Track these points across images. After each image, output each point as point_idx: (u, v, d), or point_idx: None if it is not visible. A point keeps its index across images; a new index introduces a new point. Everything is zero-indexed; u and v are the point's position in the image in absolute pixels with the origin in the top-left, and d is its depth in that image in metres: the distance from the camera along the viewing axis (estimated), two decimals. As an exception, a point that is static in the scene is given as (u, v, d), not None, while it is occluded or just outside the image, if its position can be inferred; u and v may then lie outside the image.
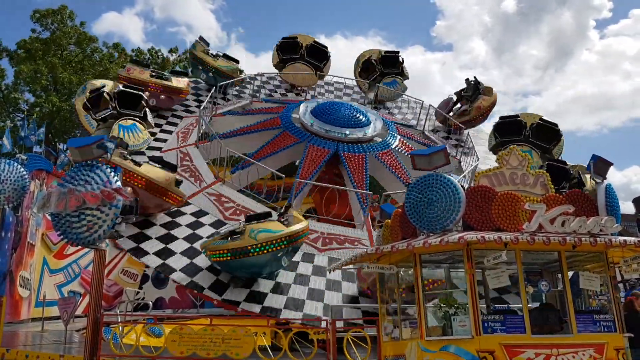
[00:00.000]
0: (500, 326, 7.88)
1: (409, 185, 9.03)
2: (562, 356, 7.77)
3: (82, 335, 14.56)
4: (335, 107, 20.75)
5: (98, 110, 18.57)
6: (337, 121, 19.73)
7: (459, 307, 8.21)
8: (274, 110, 21.77)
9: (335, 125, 19.57)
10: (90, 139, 11.14)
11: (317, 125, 19.50)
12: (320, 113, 20.10)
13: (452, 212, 8.41)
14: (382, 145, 19.59)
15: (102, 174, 10.66)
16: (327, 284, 13.66)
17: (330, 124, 19.60)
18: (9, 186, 15.88)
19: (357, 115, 20.37)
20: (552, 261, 8.99)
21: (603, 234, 8.19)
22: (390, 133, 20.57)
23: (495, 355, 7.66)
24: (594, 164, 9.19)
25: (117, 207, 10.41)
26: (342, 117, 19.92)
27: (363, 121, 20.18)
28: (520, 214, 8.41)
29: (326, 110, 20.28)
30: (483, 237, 7.75)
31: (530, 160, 9.06)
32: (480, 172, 9.05)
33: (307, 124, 19.59)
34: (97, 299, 10.63)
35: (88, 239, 10.40)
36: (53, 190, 10.67)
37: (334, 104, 21.73)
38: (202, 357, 10.10)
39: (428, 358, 7.87)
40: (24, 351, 12.69)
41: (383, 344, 9.52)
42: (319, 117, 19.85)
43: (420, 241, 8.10)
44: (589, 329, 8.08)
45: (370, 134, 19.80)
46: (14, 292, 18.49)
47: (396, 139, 20.38)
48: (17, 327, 17.92)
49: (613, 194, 8.92)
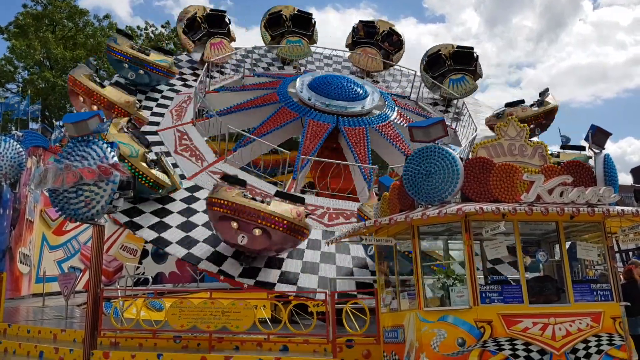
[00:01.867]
0: (498, 296, 7.94)
1: (407, 157, 9.00)
2: (559, 325, 7.85)
3: (82, 310, 14.69)
4: (332, 81, 20.48)
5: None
6: (335, 95, 19.50)
7: (457, 278, 8.26)
8: (270, 85, 21.49)
9: (333, 98, 19.34)
10: (85, 114, 11.04)
11: (316, 99, 19.29)
12: (318, 87, 19.87)
13: (450, 183, 8.39)
14: (381, 118, 19.41)
15: (99, 150, 10.58)
16: (322, 257, 13.64)
17: (329, 97, 19.37)
18: (5, 163, 15.85)
19: (354, 88, 20.13)
20: (550, 232, 9.02)
21: (601, 204, 8.20)
22: (388, 105, 20.40)
23: (492, 325, 7.73)
24: (592, 134, 9.15)
25: (114, 182, 10.35)
26: (340, 91, 19.68)
27: (361, 94, 19.95)
28: (519, 185, 8.40)
29: (323, 84, 20.03)
30: (481, 208, 7.75)
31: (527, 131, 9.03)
32: (478, 144, 9.02)
33: (305, 99, 19.38)
34: (96, 274, 10.66)
35: (86, 214, 10.37)
36: (50, 166, 10.60)
37: (330, 77, 21.37)
38: (202, 330, 10.20)
39: (426, 328, 7.94)
40: (25, 326, 12.82)
41: (382, 315, 9.59)
42: (317, 91, 19.64)
43: (419, 213, 8.10)
44: (585, 298, 8.15)
45: (369, 106, 19.61)
46: (14, 268, 18.60)
47: (394, 110, 20.22)
48: (18, 303, 18.08)
49: (611, 164, 8.90)
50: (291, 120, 18.72)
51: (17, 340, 11.65)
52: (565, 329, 7.84)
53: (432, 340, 7.83)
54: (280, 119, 18.76)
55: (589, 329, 7.91)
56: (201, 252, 12.90)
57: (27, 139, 18.65)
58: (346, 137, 18.27)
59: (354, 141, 18.05)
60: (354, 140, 18.08)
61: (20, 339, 11.76)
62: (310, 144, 17.65)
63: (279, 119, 18.74)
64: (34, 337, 12.06)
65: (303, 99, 19.38)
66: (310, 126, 18.27)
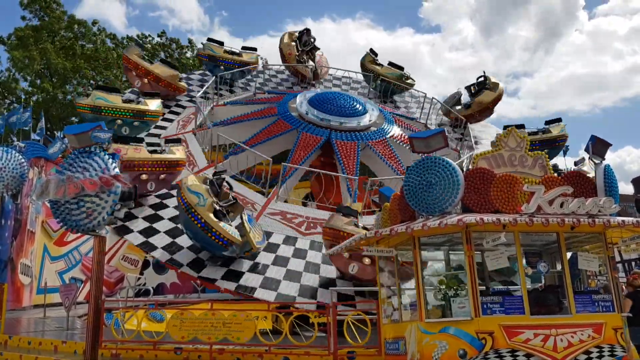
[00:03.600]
0: (499, 307, 7.93)
1: (407, 168, 9.02)
2: (561, 336, 7.83)
3: (83, 322, 14.65)
4: (332, 97, 20.92)
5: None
6: (332, 110, 19.89)
7: (458, 289, 8.25)
8: (274, 100, 21.94)
9: (329, 113, 19.74)
10: (87, 126, 11.09)
11: (312, 114, 19.70)
12: (317, 102, 20.29)
13: (451, 194, 8.41)
14: (375, 134, 19.74)
15: (100, 161, 10.62)
16: (306, 266, 13.82)
17: (326, 112, 19.78)
18: (7, 174, 15.93)
19: (353, 104, 20.51)
20: (551, 242, 9.01)
21: (601, 214, 8.21)
22: (387, 123, 20.71)
23: (494, 336, 7.71)
24: (592, 145, 9.18)
25: (115, 193, 10.39)
26: (338, 106, 20.09)
27: (359, 110, 20.31)
28: (519, 195, 8.41)
29: (323, 100, 20.46)
30: (482, 219, 7.76)
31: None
32: (478, 154, 9.04)
33: (303, 113, 19.78)
34: (97, 285, 10.66)
35: (87, 225, 10.40)
36: (51, 177, 10.64)
37: (332, 94, 21.77)
38: (203, 341, 10.18)
39: (428, 340, 7.92)
40: (26, 338, 12.78)
41: (383, 326, 9.57)
42: (315, 107, 20.06)
43: (419, 224, 8.11)
44: (587, 309, 8.13)
45: (365, 123, 19.95)
46: (15, 279, 18.58)
47: (392, 129, 20.47)
48: (19, 314, 18.03)
49: (612, 175, 8.91)
50: (284, 132, 19.15)
51: (18, 352, 11.62)
52: (567, 340, 7.82)
53: (434, 352, 7.81)
54: (274, 130, 19.25)
55: (590, 340, 7.89)
56: (183, 258, 13.21)
57: (29, 149, 18.73)
58: (336, 150, 18.59)
59: (344, 154, 18.39)
60: (343, 154, 18.42)
61: (21, 351, 11.73)
62: (300, 155, 18.06)
63: (273, 130, 19.23)
64: (35, 349, 12.02)
65: (301, 113, 19.80)
66: (302, 138, 18.70)
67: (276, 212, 15.79)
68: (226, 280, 12.79)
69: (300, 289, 12.96)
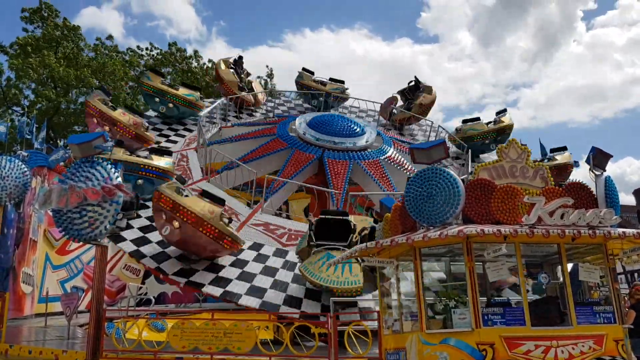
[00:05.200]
0: (500, 319, 7.91)
1: (409, 179, 9.05)
2: (562, 348, 7.80)
3: (85, 331, 14.64)
4: (330, 119, 21.72)
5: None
6: (328, 131, 20.63)
7: (459, 300, 8.24)
8: (278, 121, 22.79)
9: (326, 134, 20.44)
10: (90, 136, 11.18)
11: (309, 134, 20.44)
12: (316, 124, 21.06)
13: (452, 205, 8.42)
14: (369, 155, 20.25)
15: (103, 170, 10.70)
16: (294, 278, 13.98)
17: (322, 133, 20.52)
18: (10, 182, 16.00)
19: (351, 126, 21.22)
20: (551, 253, 9.00)
21: (602, 226, 8.21)
22: (385, 144, 21.24)
23: (495, 348, 7.69)
24: (593, 156, 9.18)
25: (117, 203, 10.47)
26: (335, 128, 20.83)
27: (357, 132, 20.98)
28: (520, 206, 8.42)
29: (321, 122, 21.26)
30: (482, 230, 7.77)
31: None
32: (480, 165, 9.06)
33: (301, 134, 20.55)
34: (99, 294, 10.69)
35: (90, 234, 10.46)
36: (54, 186, 10.71)
37: (331, 116, 22.63)
38: (204, 351, 10.17)
39: (429, 351, 7.91)
40: (27, 347, 12.78)
41: (384, 337, 9.56)
42: (313, 128, 20.81)
43: (420, 235, 8.12)
44: (588, 320, 8.11)
45: (361, 144, 20.49)
46: (16, 288, 18.58)
47: (388, 151, 20.92)
48: (20, 323, 18.02)
49: (612, 186, 8.92)
50: (278, 150, 19.86)
51: (19, 361, 11.63)
52: (567, 352, 7.79)
53: (434, 363, 7.80)
54: (269, 148, 19.99)
55: (591, 351, 7.86)
56: (148, 251, 13.73)
57: (32, 158, 18.81)
58: (326, 168, 19.13)
59: (334, 173, 18.91)
60: (333, 172, 18.94)
61: (21, 360, 11.74)
62: (290, 170, 18.71)
63: (268, 148, 19.97)
64: (36, 358, 12.01)
65: (299, 133, 20.55)
66: (295, 155, 19.45)
67: (260, 223, 16.24)
68: (213, 286, 13.03)
69: (286, 298, 13.10)
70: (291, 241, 15.59)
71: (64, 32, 39.21)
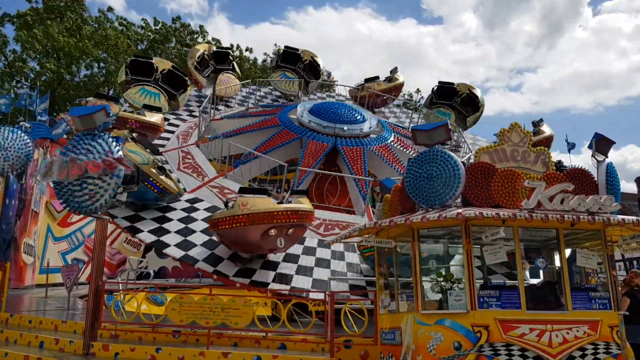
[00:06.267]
0: (496, 301, 7.95)
1: (409, 160, 9.02)
2: (557, 332, 7.85)
3: (84, 302, 14.78)
4: (332, 106, 21.82)
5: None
6: (334, 118, 20.54)
7: (455, 282, 8.28)
8: (272, 112, 22.53)
9: (332, 122, 20.33)
10: (91, 108, 11.12)
11: (315, 122, 20.24)
12: (318, 112, 20.91)
13: (452, 187, 8.41)
14: (378, 140, 20.39)
15: (104, 144, 10.66)
16: (316, 262, 13.99)
17: (329, 121, 20.37)
18: (13, 153, 16.01)
19: (353, 113, 21.38)
20: (550, 238, 9.01)
21: (602, 212, 8.20)
22: (386, 130, 21.46)
23: (489, 330, 7.74)
24: (596, 142, 9.13)
25: (118, 176, 10.44)
26: (339, 115, 20.83)
27: (359, 119, 21.08)
28: (520, 191, 8.41)
29: (324, 109, 21.17)
30: (481, 213, 7.77)
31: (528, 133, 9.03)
32: (481, 149, 9.03)
33: (305, 122, 20.29)
34: (98, 266, 10.74)
35: (90, 207, 10.46)
36: (55, 158, 10.70)
37: (331, 103, 22.82)
38: (201, 325, 10.25)
39: (423, 331, 7.96)
40: (27, 316, 12.92)
41: (380, 316, 9.62)
42: (317, 115, 20.65)
43: (419, 216, 8.13)
44: (584, 306, 8.14)
45: (367, 130, 20.63)
46: (18, 258, 18.74)
47: (391, 135, 21.19)
48: (21, 293, 18.20)
49: (614, 173, 8.89)
50: (290, 140, 19.58)
51: (19, 330, 11.75)
52: (562, 336, 7.84)
53: (429, 343, 7.86)
54: (280, 139, 19.64)
55: (586, 336, 7.91)
56: (197, 254, 13.30)
57: (34, 130, 18.80)
58: (344, 156, 19.06)
59: (352, 159, 18.85)
60: (351, 159, 18.88)
61: (21, 329, 11.86)
62: (309, 161, 18.39)
63: (278, 139, 19.61)
64: (35, 328, 12.16)
65: (303, 122, 20.33)
66: (309, 145, 19.14)
67: None
68: (240, 277, 12.86)
69: (313, 283, 13.06)
70: (328, 231, 15.51)
71: (68, 4, 38.91)
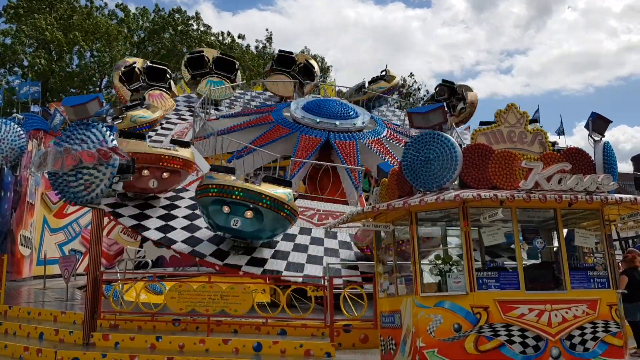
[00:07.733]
0: (495, 282, 7.96)
1: (406, 143, 8.98)
2: (556, 312, 7.87)
3: (83, 293, 14.78)
4: (325, 103, 22.13)
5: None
6: (327, 114, 20.81)
7: (454, 264, 8.28)
8: (265, 110, 22.77)
9: (325, 117, 20.59)
10: (85, 98, 11.03)
11: (308, 117, 20.49)
12: (311, 108, 21.17)
13: (449, 170, 8.39)
14: (372, 134, 20.62)
15: (98, 133, 10.59)
16: (325, 252, 14.09)
17: (321, 116, 20.63)
18: (6, 145, 15.92)
19: (346, 109, 21.66)
20: (548, 219, 9.01)
21: (599, 191, 8.19)
22: (378, 125, 21.65)
23: (489, 311, 7.76)
24: (592, 122, 9.11)
25: (113, 166, 10.38)
26: (332, 110, 21.09)
27: (352, 114, 21.33)
28: (517, 172, 8.40)
29: (316, 105, 21.45)
30: (479, 195, 7.76)
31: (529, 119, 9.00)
32: (477, 130, 8.99)
33: (299, 118, 20.54)
34: (96, 257, 10.72)
35: (86, 197, 10.42)
36: (49, 149, 10.62)
37: (324, 100, 23.08)
38: (201, 313, 10.26)
39: (423, 314, 7.98)
40: (26, 308, 12.91)
41: (379, 300, 9.64)
42: (310, 111, 20.90)
43: (417, 199, 8.11)
44: (582, 285, 8.17)
45: (359, 125, 20.79)
46: (15, 250, 18.67)
47: (384, 129, 21.37)
48: (19, 285, 18.16)
49: (611, 152, 8.88)
50: (284, 136, 19.85)
51: (18, 321, 11.75)
52: (561, 316, 7.87)
53: (429, 326, 7.87)
54: (274, 134, 19.95)
55: (585, 315, 7.94)
56: (204, 249, 13.40)
57: (27, 121, 18.66)
58: (337, 150, 19.34)
59: (345, 153, 19.18)
60: (344, 152, 19.20)
61: (20, 321, 11.86)
62: (302, 155, 18.64)
63: (272, 135, 19.94)
64: (35, 319, 12.15)
65: (296, 118, 20.60)
66: (302, 140, 19.42)
67: None
68: (251, 266, 12.92)
69: (324, 270, 13.10)
70: (322, 221, 15.65)
71: None
